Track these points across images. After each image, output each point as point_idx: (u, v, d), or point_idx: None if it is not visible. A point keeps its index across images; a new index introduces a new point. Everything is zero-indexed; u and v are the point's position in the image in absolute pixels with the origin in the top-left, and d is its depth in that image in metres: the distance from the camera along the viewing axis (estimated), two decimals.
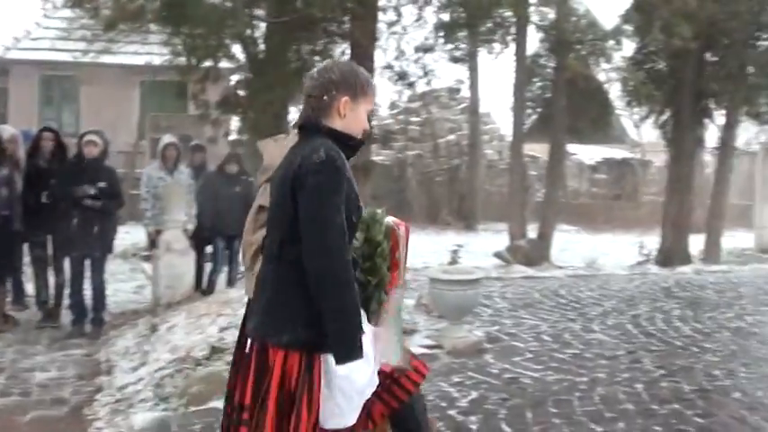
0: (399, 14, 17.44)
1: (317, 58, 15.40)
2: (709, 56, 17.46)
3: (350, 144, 3.54)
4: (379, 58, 16.70)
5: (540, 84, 19.96)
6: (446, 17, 18.25)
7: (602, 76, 21.08)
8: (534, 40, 18.64)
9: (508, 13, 18.09)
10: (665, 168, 23.00)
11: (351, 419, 3.47)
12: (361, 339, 3.32)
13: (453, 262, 12.69)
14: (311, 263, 3.28)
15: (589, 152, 33.13)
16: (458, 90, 30.41)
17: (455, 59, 22.65)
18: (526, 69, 17.80)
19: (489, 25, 19.55)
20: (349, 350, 3.27)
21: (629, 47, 18.34)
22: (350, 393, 3.42)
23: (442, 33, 18.57)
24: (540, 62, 19.41)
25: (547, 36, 17.97)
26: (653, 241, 17.69)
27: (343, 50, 15.33)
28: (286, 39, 14.03)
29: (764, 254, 17.50)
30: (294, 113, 20.12)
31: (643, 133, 37.46)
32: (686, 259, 16.47)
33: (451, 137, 30.45)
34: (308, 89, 3.56)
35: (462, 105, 30.95)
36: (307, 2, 12.79)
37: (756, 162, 19.46)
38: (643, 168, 36.42)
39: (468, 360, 6.81)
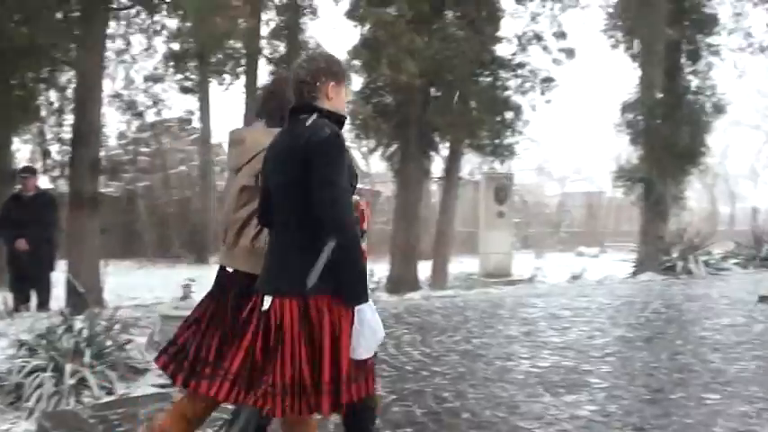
0: (128, 43, 17.15)
1: (42, 86, 14.87)
2: (434, 91, 18.18)
3: (339, 121, 4.11)
4: (107, 87, 16.34)
5: None
6: (176, 47, 18.10)
7: None
8: (265, 73, 18.81)
9: (239, 45, 18.15)
10: (393, 198, 23.69)
11: (371, 352, 3.98)
12: (366, 284, 3.93)
13: (185, 297, 12.45)
14: (327, 220, 3.80)
15: None
16: (188, 120, 30.11)
17: (185, 89, 22.51)
18: (257, 101, 17.87)
19: (220, 56, 19.55)
20: (360, 292, 3.85)
21: (357, 82, 18.84)
22: (374, 327, 3.88)
23: (171, 63, 18.39)
24: None
25: (277, 69, 18.15)
26: (382, 269, 18.13)
27: (69, 78, 14.89)
28: (8, 66, 13.45)
29: (489, 278, 18.28)
30: (18, 143, 19.30)
31: (372, 164, 38.52)
32: (415, 285, 16.99)
33: (182, 168, 30.11)
34: (300, 76, 4.09)
35: (193, 136, 30.68)
36: (30, 28, 12.32)
37: (479, 191, 20.37)
38: (372, 198, 37.34)
39: None
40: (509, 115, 19.37)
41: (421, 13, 16.78)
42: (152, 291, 15.54)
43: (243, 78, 18.89)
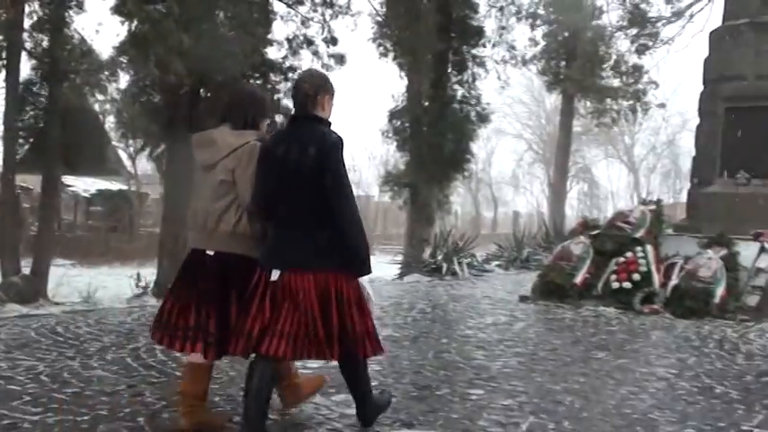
0: None
1: None
2: (203, 91, 17.94)
3: (330, 127, 5.20)
4: None
5: (33, 113, 19.30)
6: None
7: (97, 107, 20.92)
8: (27, 67, 18.03)
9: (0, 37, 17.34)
10: (161, 200, 23.23)
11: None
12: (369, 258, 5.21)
13: None
14: (341, 210, 4.91)
15: (85, 184, 32.61)
16: None
17: None
18: (19, 97, 17.07)
19: None
20: (366, 266, 5.22)
21: (124, 79, 18.35)
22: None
23: None
24: (34, 90, 18.77)
25: (40, 64, 17.44)
26: (150, 273, 17.75)
27: None
28: None
29: None
30: None
31: (138, 165, 37.66)
32: None
33: None
34: (306, 89, 5.17)
35: None
36: None
37: None
38: (139, 200, 36.58)
39: None
40: (279, 119, 19.41)
41: (191, 12, 16.52)
42: None
43: (3, 73, 18.00)
